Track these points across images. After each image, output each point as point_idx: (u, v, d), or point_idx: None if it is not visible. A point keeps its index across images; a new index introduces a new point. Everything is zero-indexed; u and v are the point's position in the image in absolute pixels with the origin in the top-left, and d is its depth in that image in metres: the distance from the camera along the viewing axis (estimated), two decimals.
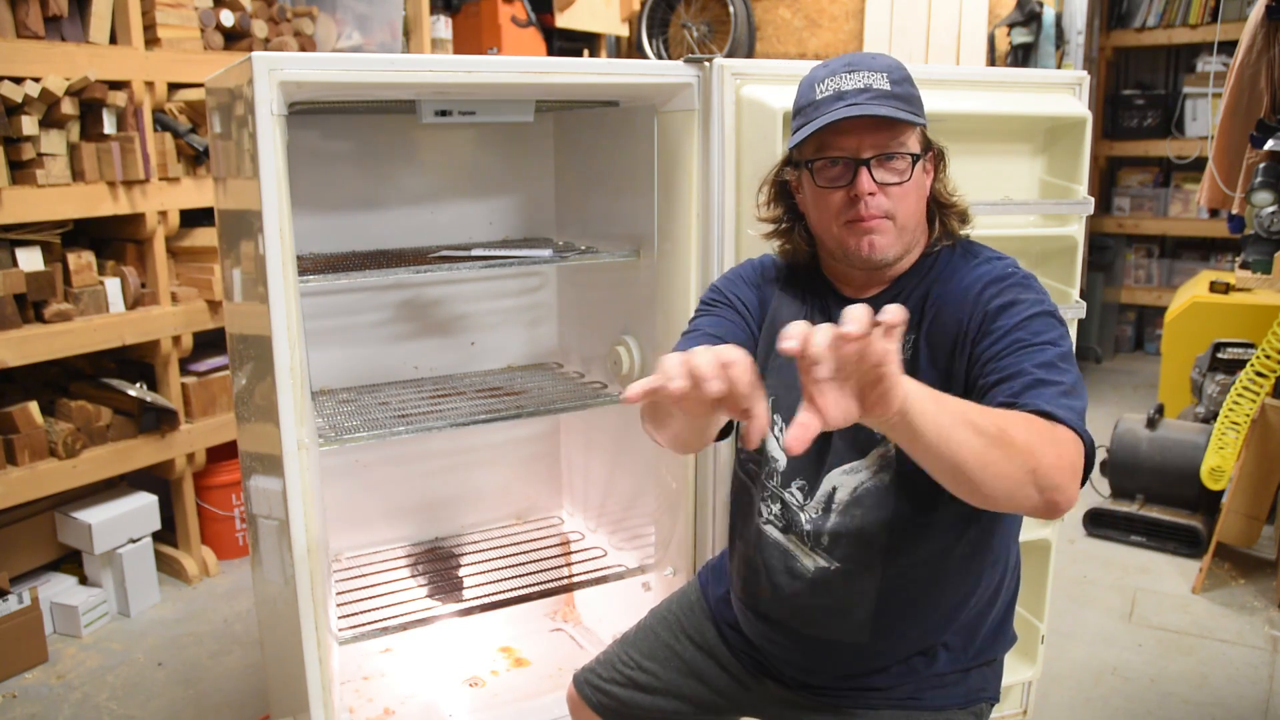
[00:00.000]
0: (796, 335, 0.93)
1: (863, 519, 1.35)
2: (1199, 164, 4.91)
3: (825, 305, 1.44)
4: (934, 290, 1.36)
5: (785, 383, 1.42)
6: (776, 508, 1.43)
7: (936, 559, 1.35)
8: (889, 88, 1.30)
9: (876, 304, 1.35)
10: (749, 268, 1.54)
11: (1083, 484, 1.15)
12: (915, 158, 1.32)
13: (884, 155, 1.30)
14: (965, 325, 1.30)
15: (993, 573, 1.41)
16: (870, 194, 1.30)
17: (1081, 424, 1.15)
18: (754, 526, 1.46)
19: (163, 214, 2.92)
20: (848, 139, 1.31)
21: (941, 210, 1.40)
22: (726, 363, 0.96)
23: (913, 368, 1.33)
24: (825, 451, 1.38)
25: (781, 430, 1.43)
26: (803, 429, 0.94)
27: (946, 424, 1.04)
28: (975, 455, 1.05)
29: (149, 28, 2.85)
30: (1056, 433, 1.12)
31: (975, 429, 1.05)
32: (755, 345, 1.45)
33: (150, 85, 2.85)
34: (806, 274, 1.48)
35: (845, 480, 1.36)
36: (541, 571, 2.32)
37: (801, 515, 1.40)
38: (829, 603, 1.39)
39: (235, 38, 3.13)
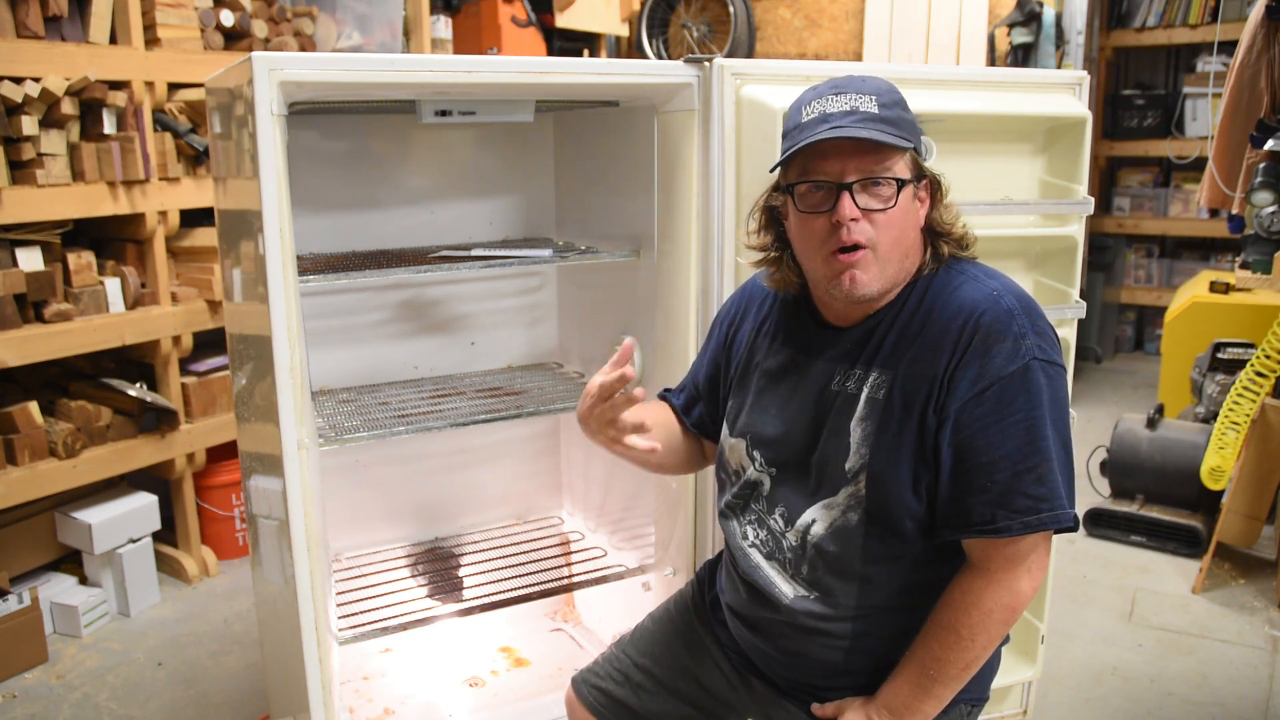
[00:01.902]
0: None
1: (836, 554, 1.35)
2: (1199, 164, 4.91)
3: (806, 335, 1.44)
4: (913, 326, 1.32)
5: (761, 418, 1.45)
6: (763, 533, 1.45)
7: (910, 592, 1.36)
8: (876, 110, 1.27)
9: (854, 335, 1.37)
10: (735, 300, 1.60)
11: (1066, 530, 1.28)
12: (901, 183, 1.28)
13: (868, 180, 1.27)
14: (940, 379, 1.28)
15: None
16: (853, 219, 1.27)
17: (1037, 516, 1.25)
18: (741, 547, 1.47)
19: (163, 214, 2.92)
20: (831, 163, 1.28)
21: (937, 238, 1.36)
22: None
23: (885, 409, 1.31)
24: (806, 482, 1.39)
25: (760, 464, 1.45)
26: None
27: (935, 696, 1.31)
28: (967, 670, 1.30)
29: (149, 28, 2.85)
30: (991, 580, 1.28)
31: (948, 671, 1.29)
32: (723, 375, 1.56)
33: (150, 85, 2.85)
34: (794, 301, 1.48)
35: (822, 514, 1.37)
36: (541, 571, 2.33)
37: (784, 542, 1.41)
38: (807, 627, 1.40)
39: (235, 38, 3.13)
